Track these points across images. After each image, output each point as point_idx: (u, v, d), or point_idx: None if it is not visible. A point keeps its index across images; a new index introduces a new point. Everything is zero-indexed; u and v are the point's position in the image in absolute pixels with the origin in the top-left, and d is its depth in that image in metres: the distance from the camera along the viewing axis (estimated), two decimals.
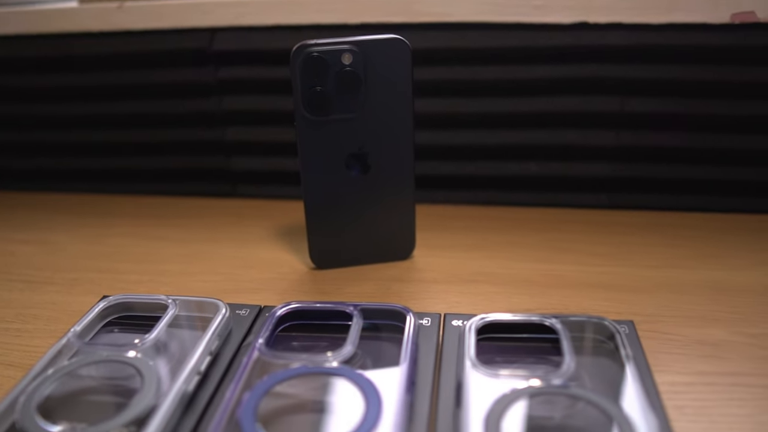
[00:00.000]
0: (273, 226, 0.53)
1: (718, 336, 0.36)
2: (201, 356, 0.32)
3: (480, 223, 0.53)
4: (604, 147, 0.53)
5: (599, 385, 0.30)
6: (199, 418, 0.30)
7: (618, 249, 0.47)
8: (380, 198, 0.44)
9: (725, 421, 0.30)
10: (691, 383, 0.32)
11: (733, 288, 0.41)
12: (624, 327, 0.34)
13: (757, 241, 0.48)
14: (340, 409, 0.29)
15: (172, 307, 0.36)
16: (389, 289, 0.43)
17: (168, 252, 0.49)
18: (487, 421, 0.27)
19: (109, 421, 0.28)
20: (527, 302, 0.41)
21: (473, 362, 0.31)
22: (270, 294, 0.43)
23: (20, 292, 0.44)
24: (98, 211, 0.58)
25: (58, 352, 0.33)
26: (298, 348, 0.35)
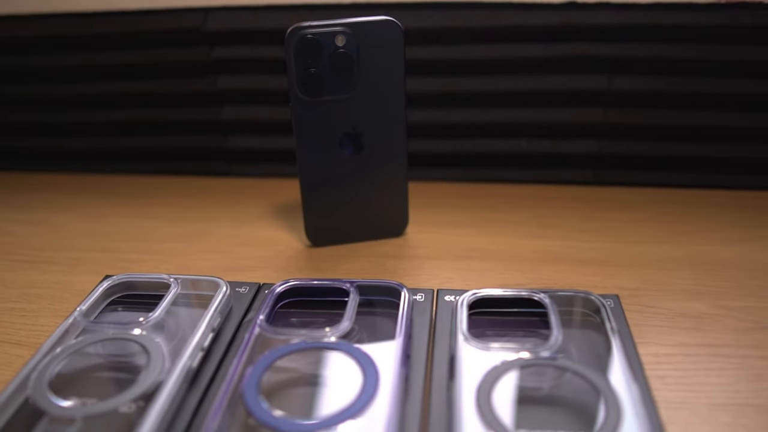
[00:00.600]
0: (269, 205, 0.54)
1: (700, 309, 0.37)
2: (204, 333, 0.33)
3: (471, 200, 0.54)
4: (592, 124, 0.54)
5: (585, 357, 0.31)
6: (203, 392, 0.31)
7: (605, 225, 0.48)
8: (374, 176, 0.45)
9: (704, 390, 0.31)
10: (672, 354, 0.34)
11: (716, 262, 0.43)
12: (609, 301, 0.36)
13: (740, 216, 0.49)
14: (339, 381, 0.30)
15: (174, 285, 0.37)
16: (383, 265, 0.44)
17: (166, 231, 0.50)
18: (478, 392, 0.29)
19: (119, 396, 0.29)
20: (517, 277, 0.42)
21: (465, 336, 0.32)
22: (268, 271, 0.44)
23: (23, 272, 0.45)
24: (96, 191, 0.58)
25: (65, 331, 0.34)
26: (297, 324, 0.36)
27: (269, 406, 0.29)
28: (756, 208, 0.50)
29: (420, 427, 0.28)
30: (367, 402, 0.29)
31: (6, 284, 0.44)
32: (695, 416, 0.29)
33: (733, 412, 0.30)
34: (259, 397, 0.29)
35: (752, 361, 0.33)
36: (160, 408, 0.28)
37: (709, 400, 0.30)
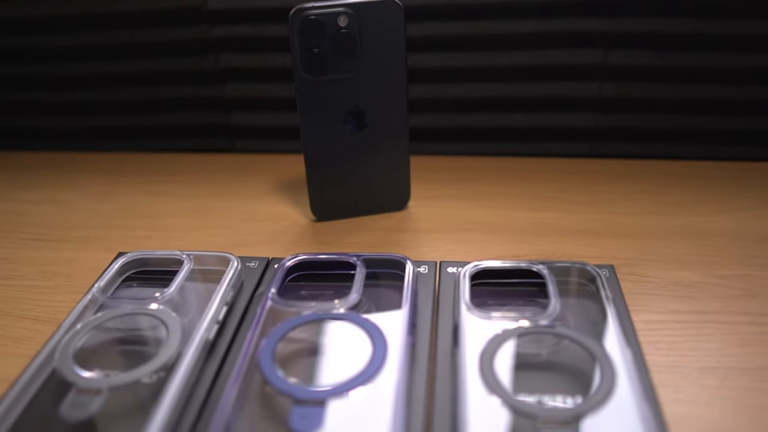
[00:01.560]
0: (273, 180, 0.56)
1: (692, 278, 0.39)
2: (218, 307, 0.35)
3: (471, 173, 0.55)
4: (588, 98, 0.55)
5: (582, 325, 0.33)
6: (220, 363, 0.33)
7: (601, 197, 0.50)
8: (376, 152, 0.47)
9: (694, 354, 0.33)
10: (664, 321, 0.35)
11: (708, 232, 0.44)
12: (605, 271, 0.37)
13: (733, 187, 0.50)
14: (349, 350, 0.32)
15: (187, 261, 0.39)
16: (387, 238, 0.46)
17: (174, 207, 0.52)
18: (481, 359, 0.30)
19: (141, 367, 0.31)
20: (516, 249, 0.44)
21: (468, 306, 0.34)
22: (275, 246, 0.46)
23: (37, 251, 0.47)
24: (102, 169, 0.59)
25: (84, 307, 0.35)
26: (306, 296, 0.37)
27: (284, 374, 0.30)
28: (748, 178, 0.52)
29: (426, 393, 0.30)
30: (376, 369, 0.30)
31: (21, 262, 0.45)
32: (685, 379, 0.31)
33: (721, 375, 0.31)
34: (275, 366, 0.31)
35: (740, 327, 0.35)
36: (180, 378, 0.30)
37: (699, 363, 0.32)
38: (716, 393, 0.30)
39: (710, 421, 0.29)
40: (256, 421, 0.28)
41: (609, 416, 0.27)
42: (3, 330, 0.38)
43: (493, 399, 0.28)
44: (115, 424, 0.28)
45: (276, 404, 0.29)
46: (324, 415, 0.28)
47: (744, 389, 0.31)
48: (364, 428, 0.27)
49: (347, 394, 0.29)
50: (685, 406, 0.30)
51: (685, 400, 0.30)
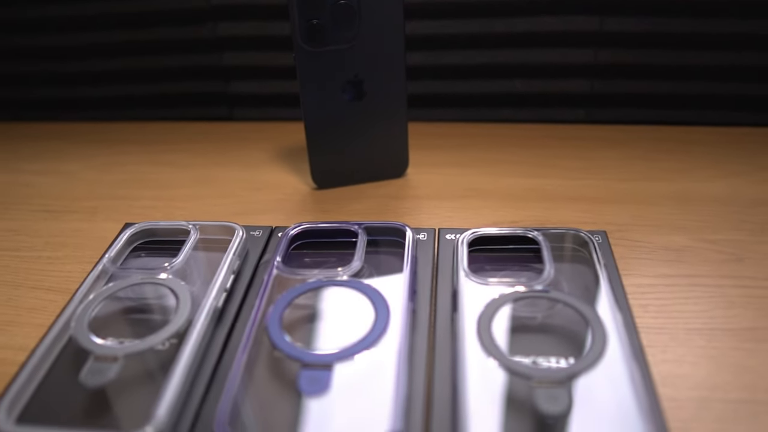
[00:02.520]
0: (273, 148, 0.56)
1: (682, 242, 0.40)
2: (226, 275, 0.36)
3: (468, 140, 0.56)
4: (584, 64, 0.56)
5: (575, 289, 0.34)
6: (229, 329, 0.34)
7: (596, 163, 0.51)
8: (375, 121, 0.47)
9: (682, 316, 0.34)
10: (654, 285, 0.37)
11: (701, 198, 0.45)
12: (597, 237, 0.38)
13: (726, 152, 0.51)
14: (353, 316, 0.33)
15: (194, 231, 0.40)
16: (387, 206, 0.47)
17: (177, 177, 0.53)
18: (479, 323, 0.32)
19: (154, 335, 0.32)
20: (512, 215, 0.45)
21: (466, 272, 0.35)
22: (278, 214, 0.47)
23: (45, 222, 0.48)
24: (105, 139, 0.60)
25: (96, 278, 0.36)
26: (310, 264, 0.38)
27: (291, 339, 0.32)
28: (743, 144, 0.53)
29: (427, 356, 0.32)
30: (379, 334, 0.32)
31: (30, 234, 0.46)
32: (673, 340, 0.33)
33: (707, 336, 0.33)
34: (282, 332, 0.32)
35: (727, 290, 0.36)
36: (192, 345, 0.31)
37: (686, 325, 0.34)
38: (702, 353, 0.32)
39: (696, 379, 0.31)
40: (266, 384, 0.30)
41: (600, 376, 0.28)
42: (17, 300, 0.39)
43: (491, 361, 0.30)
44: (132, 389, 0.30)
45: (284, 368, 0.31)
46: (331, 377, 0.30)
47: (729, 349, 0.32)
48: (369, 389, 0.29)
49: (352, 357, 0.30)
50: (672, 366, 0.31)
51: (672, 359, 0.32)
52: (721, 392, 0.30)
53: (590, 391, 0.28)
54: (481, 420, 0.27)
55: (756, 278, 0.37)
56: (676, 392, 0.30)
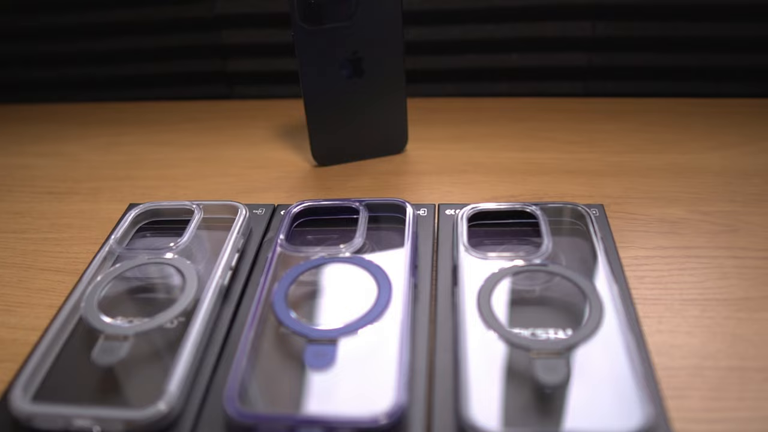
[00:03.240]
0: (273, 126, 0.57)
1: (678, 214, 0.41)
2: (231, 253, 0.37)
3: (466, 115, 0.56)
4: (581, 38, 0.56)
5: (573, 262, 0.35)
6: (235, 306, 0.35)
7: (593, 136, 0.51)
8: (374, 98, 0.48)
9: (677, 287, 0.35)
10: (650, 257, 0.37)
11: (695, 170, 0.46)
12: (594, 210, 0.39)
13: (721, 124, 0.52)
14: (356, 292, 0.34)
15: (198, 211, 0.40)
16: (387, 182, 0.48)
17: (179, 156, 0.53)
18: (479, 296, 0.33)
19: (162, 314, 0.33)
20: (511, 189, 0.45)
21: (466, 247, 0.36)
22: (279, 192, 0.47)
23: (49, 204, 0.48)
24: (105, 120, 0.60)
25: (103, 259, 0.37)
26: (313, 241, 0.39)
27: (297, 315, 0.33)
28: (738, 115, 0.53)
29: (429, 329, 0.32)
30: (382, 309, 0.32)
31: (35, 216, 0.47)
32: (668, 310, 0.34)
33: (701, 306, 0.34)
34: (288, 309, 0.33)
35: (721, 261, 0.37)
36: (200, 322, 0.32)
37: (681, 296, 0.34)
38: (697, 322, 0.33)
39: (690, 348, 0.31)
40: (273, 359, 0.31)
41: (597, 347, 0.29)
42: (27, 282, 0.40)
43: (490, 333, 0.31)
44: (142, 366, 0.31)
45: (290, 344, 0.31)
46: (336, 352, 0.30)
47: (722, 318, 0.33)
48: (373, 363, 0.30)
49: (356, 332, 0.31)
50: (667, 336, 0.32)
51: (667, 329, 0.32)
52: (714, 360, 0.31)
53: (587, 362, 0.29)
54: (482, 390, 0.28)
55: (749, 249, 0.38)
56: (670, 361, 0.31)
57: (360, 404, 0.28)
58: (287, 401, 0.29)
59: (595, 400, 0.27)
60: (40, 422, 0.28)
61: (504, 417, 0.27)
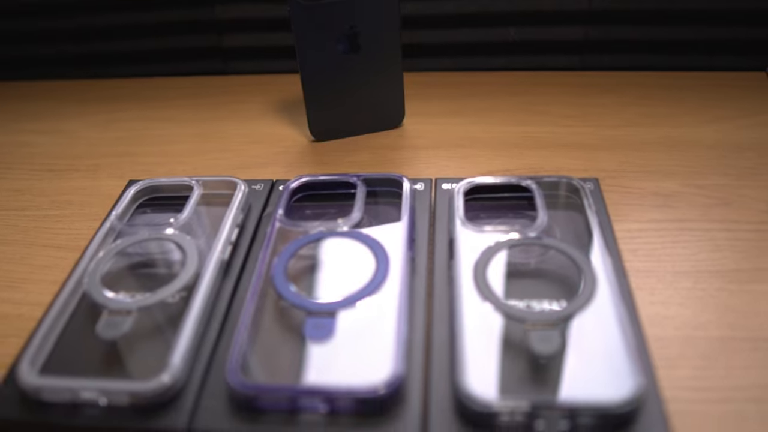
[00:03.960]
0: (270, 101, 0.57)
1: (672, 188, 0.41)
2: (230, 228, 0.37)
3: (463, 89, 0.57)
4: (578, 11, 0.56)
5: (567, 235, 0.36)
6: (236, 281, 0.35)
7: (589, 110, 0.51)
8: (371, 73, 0.48)
9: (670, 259, 0.36)
10: (644, 230, 0.38)
11: (689, 143, 0.46)
12: (589, 184, 0.39)
13: (715, 97, 0.52)
14: (354, 265, 0.34)
15: (197, 187, 0.41)
16: (384, 156, 0.48)
17: (177, 133, 0.53)
18: (475, 269, 0.33)
19: (164, 289, 0.34)
20: (507, 163, 0.46)
21: (462, 221, 0.36)
22: (278, 167, 0.48)
23: (49, 181, 0.48)
24: (101, 97, 0.60)
25: (105, 235, 0.38)
26: (311, 216, 0.40)
27: (296, 289, 0.33)
28: (731, 88, 0.53)
29: (426, 301, 0.33)
30: (380, 282, 0.33)
31: (35, 193, 0.47)
32: (660, 282, 0.34)
33: (694, 278, 0.34)
34: (287, 283, 0.34)
35: (714, 234, 0.37)
36: (201, 296, 0.33)
37: (674, 268, 0.35)
38: (688, 294, 0.33)
39: (682, 319, 0.32)
40: (274, 332, 0.31)
41: (590, 318, 0.30)
42: (29, 258, 0.40)
43: (486, 305, 0.31)
44: (145, 340, 0.31)
45: (291, 317, 0.32)
46: (335, 324, 0.31)
47: (714, 290, 0.34)
48: (371, 335, 0.30)
49: (355, 305, 0.32)
50: (659, 307, 0.33)
51: (659, 301, 0.33)
52: (705, 331, 0.31)
53: (581, 333, 0.29)
54: (477, 361, 0.28)
55: (741, 222, 0.38)
56: (662, 332, 0.31)
57: (359, 375, 0.28)
58: (288, 372, 0.29)
59: (587, 371, 0.28)
60: (48, 395, 0.29)
61: (499, 387, 0.28)
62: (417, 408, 0.28)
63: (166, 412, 0.28)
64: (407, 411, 0.28)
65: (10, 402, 0.29)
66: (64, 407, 0.29)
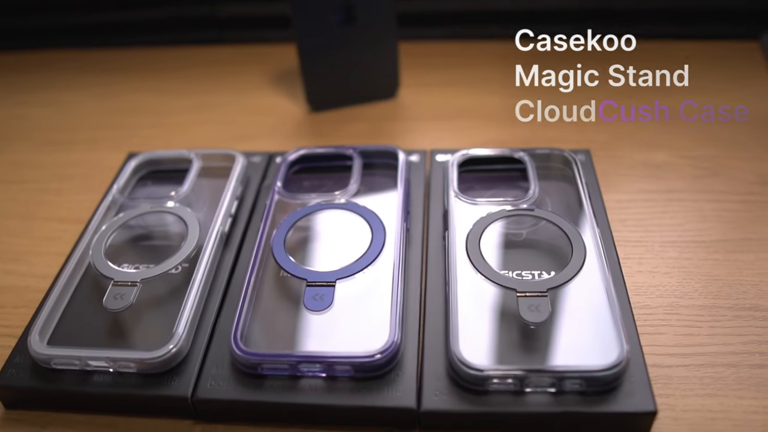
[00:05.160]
0: (265, 72, 0.57)
1: (661, 158, 0.42)
2: (230, 201, 0.38)
3: (457, 59, 0.57)
4: None
5: (558, 207, 0.36)
6: (236, 252, 0.36)
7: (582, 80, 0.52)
8: (367, 44, 0.48)
9: (657, 230, 0.37)
10: (633, 200, 0.39)
11: (679, 114, 0.46)
12: (581, 156, 0.40)
13: (707, 68, 0.51)
14: (351, 236, 0.35)
15: (196, 160, 0.41)
16: (380, 128, 0.49)
17: (175, 104, 0.54)
18: (468, 240, 0.34)
19: (167, 261, 0.35)
20: (500, 135, 0.46)
21: (456, 192, 0.37)
22: (275, 138, 0.48)
23: (48, 154, 0.49)
24: (97, 69, 0.60)
25: (107, 208, 0.38)
26: (309, 187, 0.40)
27: (296, 260, 0.34)
28: (722, 59, 0.53)
29: (421, 272, 0.34)
30: (377, 253, 0.34)
31: (35, 166, 0.48)
32: (648, 252, 0.35)
33: (680, 247, 0.36)
34: (287, 254, 0.35)
35: (701, 204, 0.38)
36: (203, 268, 0.34)
37: (662, 238, 0.36)
38: (674, 264, 0.35)
39: (667, 288, 0.33)
40: (274, 302, 0.33)
41: (578, 287, 0.31)
42: (33, 231, 0.41)
43: (478, 275, 0.32)
44: (150, 311, 0.33)
45: (290, 287, 0.33)
46: (333, 294, 0.32)
47: (699, 260, 0.35)
48: (369, 304, 0.32)
49: (353, 275, 0.33)
50: (646, 276, 0.34)
51: (646, 270, 0.34)
52: (689, 299, 0.33)
53: (569, 301, 0.31)
54: (469, 329, 0.30)
55: (729, 193, 0.39)
56: (648, 300, 0.33)
57: (357, 342, 0.30)
58: (288, 341, 0.31)
59: (575, 338, 0.29)
60: (58, 364, 0.30)
61: (491, 353, 0.29)
62: (412, 374, 0.29)
63: (172, 379, 0.30)
64: (403, 376, 0.29)
65: (23, 370, 0.30)
66: (74, 375, 0.30)
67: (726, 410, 0.28)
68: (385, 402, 0.28)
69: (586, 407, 0.27)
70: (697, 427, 0.28)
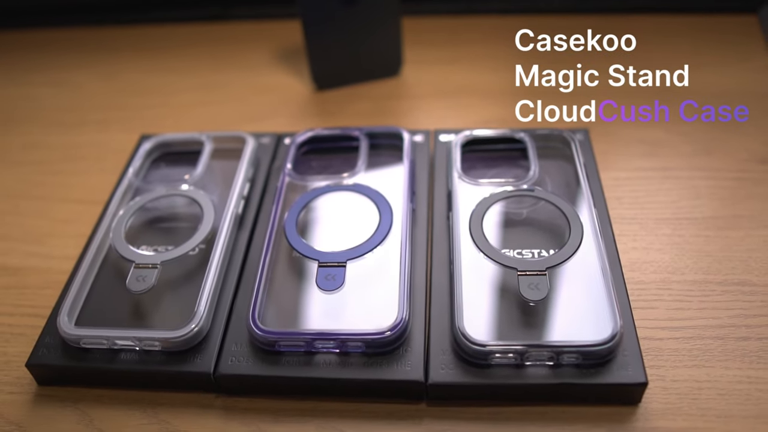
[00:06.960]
0: (271, 50, 0.58)
1: (657, 135, 0.43)
2: (242, 183, 0.40)
3: (459, 36, 0.57)
4: None
5: (557, 186, 0.38)
6: (250, 233, 0.38)
7: (583, 57, 0.52)
8: (371, 22, 0.49)
9: (652, 207, 0.38)
10: (630, 178, 0.40)
11: (675, 90, 0.47)
12: (579, 135, 0.41)
13: (704, 42, 0.52)
14: (360, 217, 0.37)
15: (208, 142, 0.43)
16: (384, 107, 0.50)
17: (183, 84, 0.54)
18: (471, 220, 0.36)
19: (185, 243, 0.36)
20: (501, 112, 0.47)
21: (459, 173, 0.39)
22: (283, 118, 0.49)
23: (59, 136, 0.50)
24: (103, 47, 0.61)
25: (124, 192, 0.40)
26: (317, 168, 0.41)
27: (307, 241, 0.36)
28: (719, 33, 0.54)
29: (427, 250, 0.36)
30: (385, 233, 0.36)
31: (47, 148, 0.49)
32: (642, 229, 0.37)
33: (674, 224, 0.37)
34: (298, 235, 0.36)
35: (695, 182, 0.40)
36: (220, 249, 0.35)
37: (656, 215, 0.38)
38: (668, 240, 0.36)
39: (660, 264, 0.35)
40: (288, 282, 0.34)
41: (575, 266, 0.33)
42: (51, 213, 0.43)
43: (481, 254, 0.34)
44: (172, 292, 0.34)
45: (303, 267, 0.35)
46: (344, 274, 0.34)
47: (691, 236, 0.36)
48: (378, 283, 0.33)
49: (363, 255, 0.35)
50: (640, 252, 0.36)
51: (641, 247, 0.36)
52: (681, 275, 0.34)
53: (566, 279, 0.32)
54: (473, 306, 0.31)
55: (723, 170, 0.40)
56: (642, 276, 0.34)
57: (367, 320, 0.32)
58: (303, 319, 0.32)
59: (572, 315, 0.31)
60: (87, 343, 0.32)
61: (493, 329, 0.31)
62: (420, 349, 0.31)
63: (195, 357, 0.32)
64: (411, 351, 0.31)
65: (54, 350, 0.32)
66: (102, 353, 0.32)
67: (712, 380, 0.30)
68: (395, 375, 0.30)
69: (581, 379, 0.29)
70: (685, 396, 0.30)
